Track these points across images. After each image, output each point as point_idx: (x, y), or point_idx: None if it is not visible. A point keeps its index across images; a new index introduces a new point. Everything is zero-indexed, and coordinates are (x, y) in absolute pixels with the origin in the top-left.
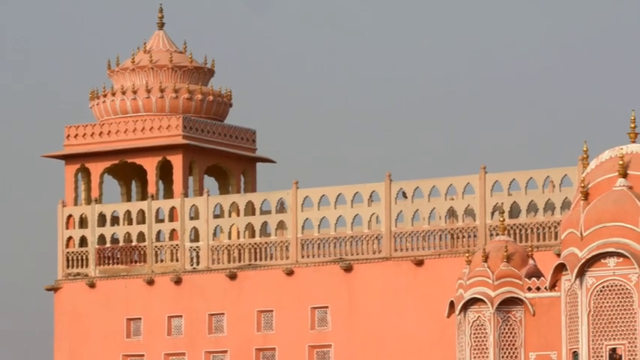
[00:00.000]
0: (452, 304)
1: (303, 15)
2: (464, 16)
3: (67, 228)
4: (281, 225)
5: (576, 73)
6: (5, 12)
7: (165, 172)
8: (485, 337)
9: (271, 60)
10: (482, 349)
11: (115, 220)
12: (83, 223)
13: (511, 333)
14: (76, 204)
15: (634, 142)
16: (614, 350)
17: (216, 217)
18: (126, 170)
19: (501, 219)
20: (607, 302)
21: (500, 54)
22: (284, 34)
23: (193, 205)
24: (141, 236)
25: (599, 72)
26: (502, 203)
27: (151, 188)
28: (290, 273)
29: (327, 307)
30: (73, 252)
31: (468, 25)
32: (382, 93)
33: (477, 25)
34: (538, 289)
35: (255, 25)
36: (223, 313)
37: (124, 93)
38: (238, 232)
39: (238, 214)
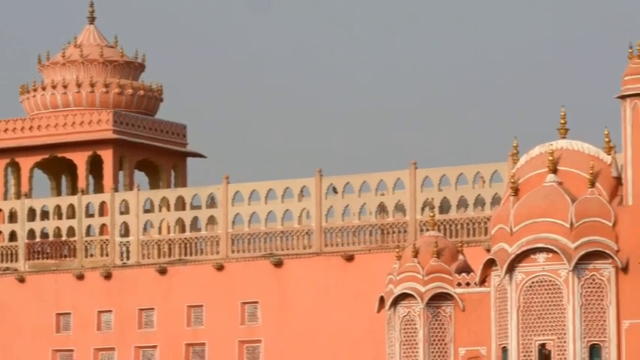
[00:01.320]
0: (382, 300)
1: (233, 9)
2: (397, 12)
3: None
4: (211, 220)
5: (506, 69)
6: None
7: (95, 166)
8: (414, 332)
9: (202, 55)
10: (412, 344)
11: (44, 215)
12: (13, 217)
13: (441, 328)
14: (5, 198)
15: (564, 138)
16: (543, 346)
17: (146, 211)
18: (56, 165)
19: (431, 214)
20: (536, 298)
21: (432, 49)
22: (213, 29)
23: (123, 199)
24: (71, 231)
25: (529, 68)
26: (432, 199)
27: (81, 183)
28: (220, 268)
29: (257, 302)
30: (2, 246)
31: (399, 21)
32: (313, 88)
33: (407, 21)
34: (468, 284)
35: (186, 20)
36: (153, 308)
37: (54, 87)
38: (168, 227)
39: (169, 209)
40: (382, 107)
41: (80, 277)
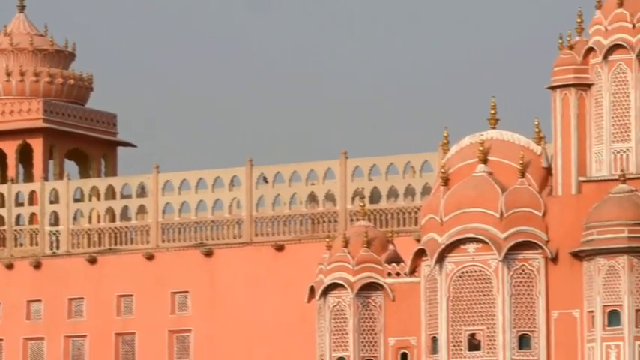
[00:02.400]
0: (312, 289)
1: None
2: (332, 4)
3: None
4: (142, 209)
5: (437, 59)
6: None
7: (25, 155)
8: (345, 322)
9: (132, 44)
10: (342, 334)
11: None
12: None
13: (371, 318)
14: None
15: (494, 128)
16: (472, 335)
17: (76, 201)
18: None
19: (362, 204)
20: (466, 288)
21: (364, 39)
22: (144, 18)
23: (53, 189)
24: (0, 220)
25: (459, 58)
26: (363, 189)
27: (11, 172)
28: (150, 257)
29: (187, 291)
30: None
31: (331, 13)
32: (243, 78)
33: (340, 13)
34: (398, 274)
35: (117, 9)
36: (83, 298)
37: None
38: (99, 217)
39: (99, 199)
40: (312, 96)
41: (9, 266)
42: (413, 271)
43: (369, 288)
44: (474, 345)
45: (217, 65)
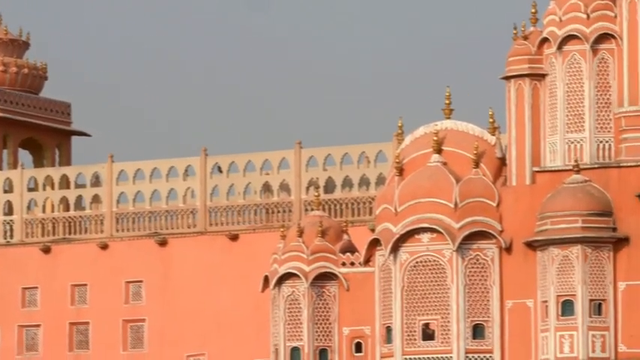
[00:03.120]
0: (266, 279)
1: None
2: None
3: None
4: (96, 199)
5: (391, 49)
6: None
7: None
8: (299, 311)
9: (86, 33)
10: (297, 323)
11: None
12: None
13: (325, 308)
14: None
15: (448, 118)
16: (427, 325)
17: (30, 190)
18: None
19: (316, 194)
20: (420, 277)
21: (318, 29)
22: (98, 7)
23: (7, 178)
24: None
25: (414, 48)
26: (317, 178)
27: None
28: (104, 247)
29: (141, 281)
30: None
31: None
32: (196, 66)
33: (295, 2)
34: (352, 264)
35: None
36: (37, 287)
37: None
38: (53, 206)
39: (53, 188)
40: (267, 86)
41: None
42: (367, 261)
43: (324, 278)
44: (428, 335)
45: (171, 54)
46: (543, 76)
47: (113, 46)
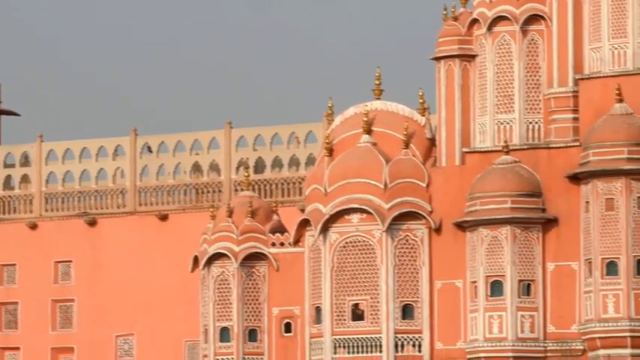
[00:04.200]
0: (196, 259)
1: None
2: None
3: None
4: (25, 179)
5: (322, 30)
6: None
7: None
8: (228, 291)
9: (15, 11)
10: (226, 303)
11: None
12: None
13: (255, 288)
14: None
15: (378, 98)
16: (356, 305)
17: None
18: None
19: (246, 174)
20: (350, 258)
21: (245, 10)
22: None
23: None
24: None
25: (344, 29)
26: (247, 158)
27: None
28: (34, 227)
29: (70, 261)
30: None
31: None
32: (125, 49)
33: None
34: (282, 244)
35: None
36: None
37: None
38: None
39: None
40: (196, 66)
41: None
42: (297, 242)
43: (253, 258)
44: (357, 315)
45: (101, 35)
46: (473, 56)
47: (41, 25)
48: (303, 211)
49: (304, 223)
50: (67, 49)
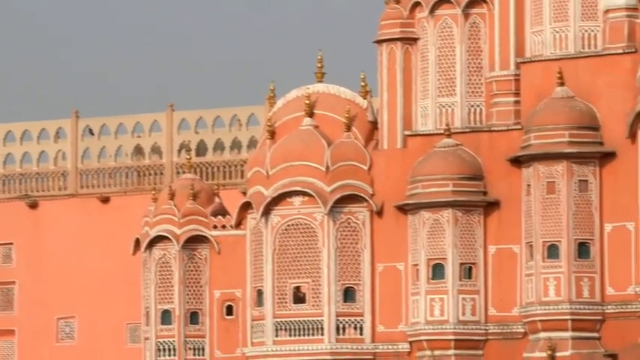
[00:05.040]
0: (137, 242)
1: None
2: None
3: None
4: None
5: (261, 12)
6: None
7: None
8: (170, 274)
9: None
10: (168, 286)
11: None
12: None
13: (196, 271)
14: None
15: (320, 81)
16: (298, 288)
17: None
18: None
19: (188, 157)
20: (292, 241)
21: None
22: None
23: None
24: None
25: (284, 11)
26: (189, 141)
27: None
28: None
29: (11, 243)
30: None
31: None
32: (68, 29)
33: None
34: (224, 227)
35: None
36: None
37: None
38: None
39: None
40: (140, 48)
41: None
42: (239, 224)
43: (195, 240)
44: (299, 298)
45: (40, 12)
46: (415, 40)
47: None
48: (244, 193)
49: (246, 206)
50: (5, 25)
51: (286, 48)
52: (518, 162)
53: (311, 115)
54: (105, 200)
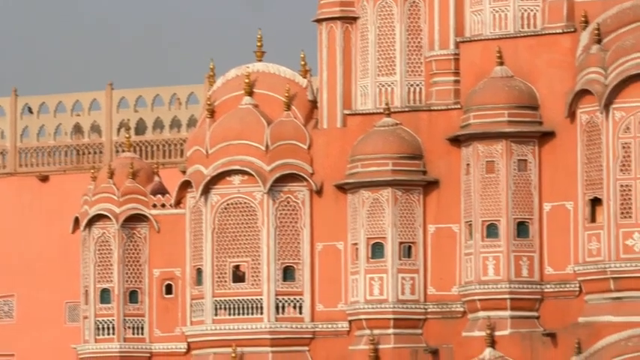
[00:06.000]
0: (77, 220)
1: None
2: None
3: None
4: None
5: None
6: None
7: None
8: (109, 253)
9: None
10: (107, 265)
11: None
12: None
13: (136, 250)
14: None
15: (260, 60)
16: (237, 267)
17: None
18: None
19: (127, 135)
20: (231, 220)
21: None
22: None
23: None
24: None
25: None
26: (128, 120)
27: None
28: None
29: None
30: None
31: None
32: (3, 8)
33: None
34: (163, 205)
35: None
36: None
37: None
38: None
39: None
40: (79, 26)
41: None
42: (178, 203)
43: (134, 219)
44: (238, 277)
45: None
46: (355, 19)
47: None
48: (184, 172)
49: (185, 185)
50: None
51: (226, 27)
52: (457, 141)
53: (250, 94)
54: (44, 179)
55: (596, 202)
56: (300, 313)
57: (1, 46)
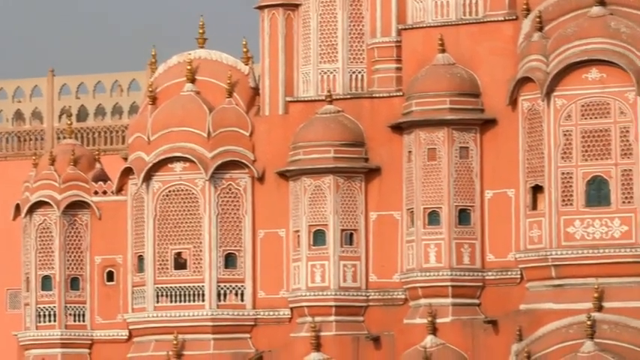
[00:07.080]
0: (18, 207)
1: None
2: None
3: None
4: None
5: None
6: None
7: None
8: (51, 240)
9: None
10: (48, 252)
11: None
12: None
13: (77, 236)
14: None
15: (202, 47)
16: (179, 254)
17: None
18: None
19: (69, 122)
20: (173, 207)
21: None
22: None
23: None
24: None
25: None
26: (70, 106)
27: None
28: None
29: None
30: None
31: None
32: None
33: None
34: (105, 192)
35: None
36: None
37: None
38: None
39: None
40: (21, 12)
41: None
42: (120, 190)
43: (76, 206)
44: (180, 264)
45: None
46: (297, 6)
47: None
48: (126, 159)
49: (127, 172)
50: None
51: (168, 14)
52: (399, 128)
53: (192, 80)
54: None
55: (537, 189)
56: (242, 300)
57: None
